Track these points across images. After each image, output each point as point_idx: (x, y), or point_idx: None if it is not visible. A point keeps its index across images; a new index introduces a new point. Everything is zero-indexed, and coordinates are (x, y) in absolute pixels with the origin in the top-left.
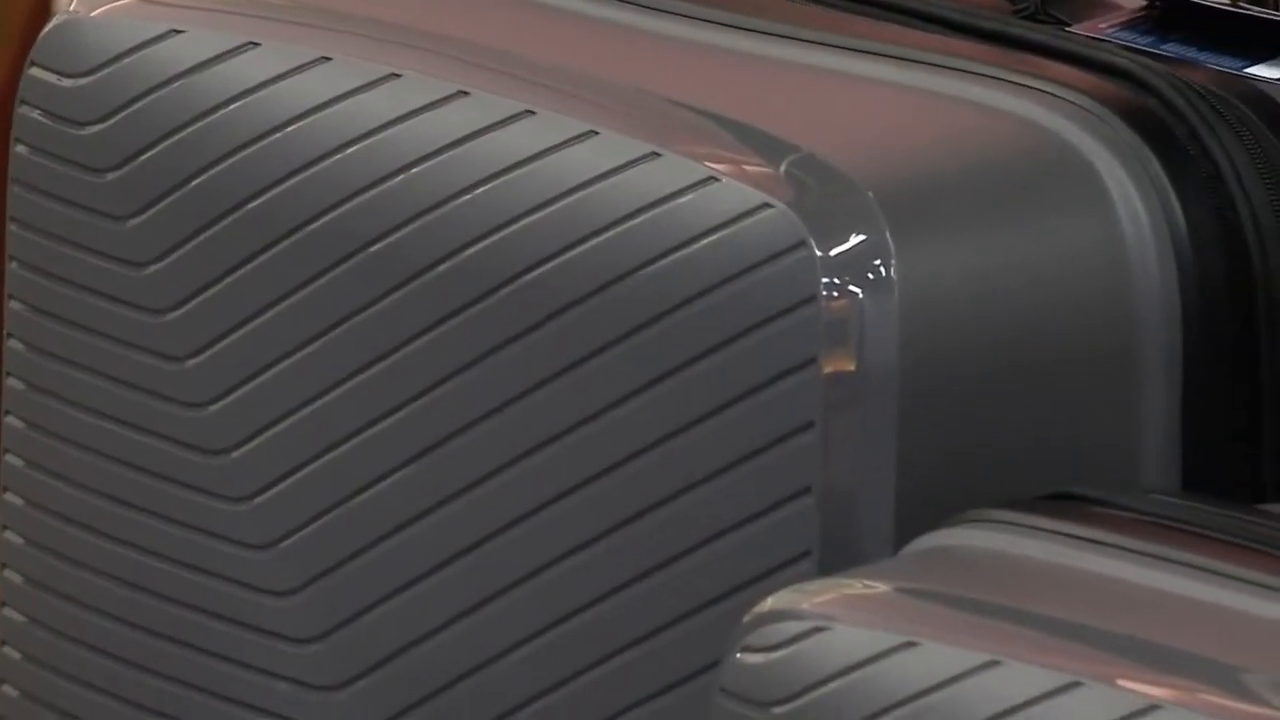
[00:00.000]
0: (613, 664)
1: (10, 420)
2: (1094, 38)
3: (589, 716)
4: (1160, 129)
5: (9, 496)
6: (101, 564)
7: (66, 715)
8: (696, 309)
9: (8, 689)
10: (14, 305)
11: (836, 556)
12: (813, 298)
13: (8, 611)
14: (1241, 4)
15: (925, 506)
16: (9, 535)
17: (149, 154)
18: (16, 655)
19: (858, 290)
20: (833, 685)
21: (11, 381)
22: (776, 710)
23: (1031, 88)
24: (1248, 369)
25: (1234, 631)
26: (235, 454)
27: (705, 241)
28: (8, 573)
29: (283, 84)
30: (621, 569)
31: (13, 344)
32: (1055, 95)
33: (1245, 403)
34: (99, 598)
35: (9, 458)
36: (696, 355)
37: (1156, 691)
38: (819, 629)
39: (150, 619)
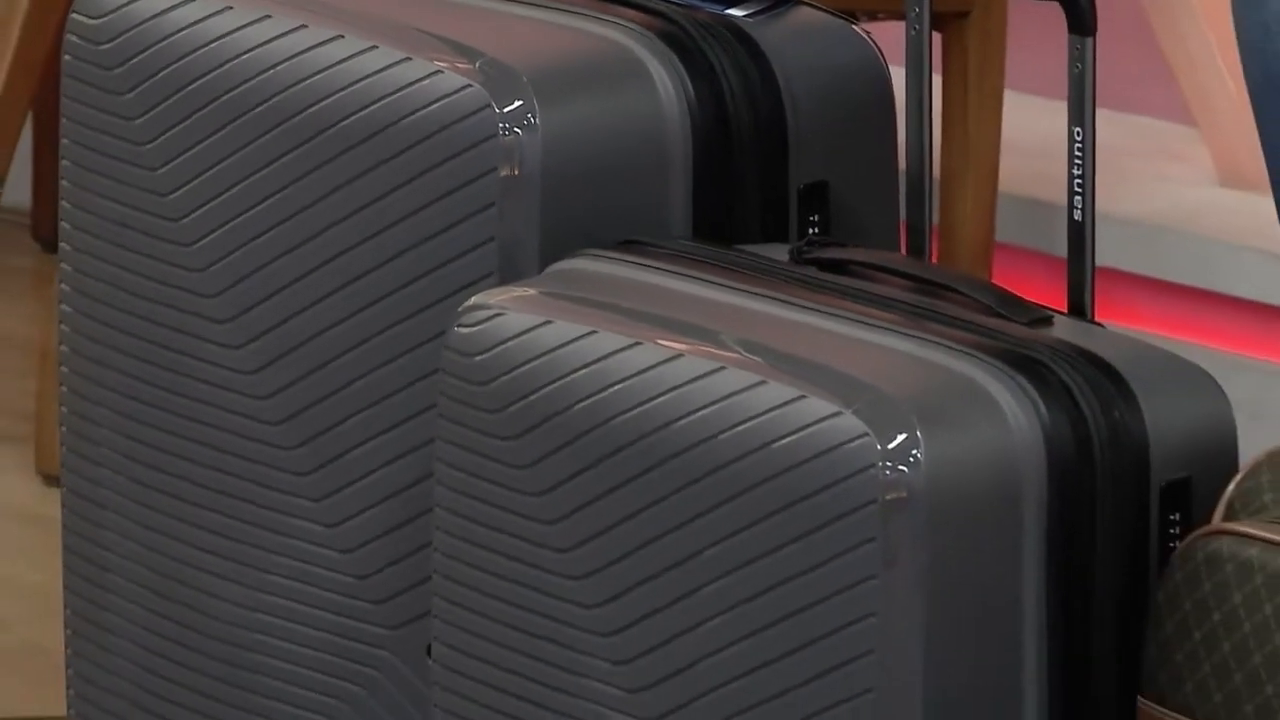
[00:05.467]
0: (382, 337)
1: (63, 245)
2: None
3: (371, 363)
4: (680, 43)
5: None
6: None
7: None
8: (428, 144)
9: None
10: (64, 164)
11: (507, 275)
12: (494, 135)
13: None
14: None
15: (557, 247)
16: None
17: (137, 58)
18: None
19: (519, 131)
20: (508, 344)
21: (62, 225)
22: (478, 358)
23: (610, 20)
24: (726, 169)
25: (712, 308)
26: (197, 245)
27: (434, 106)
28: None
29: (215, 18)
30: (389, 282)
31: (63, 204)
32: (622, 24)
33: (727, 186)
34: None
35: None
36: (426, 169)
37: (680, 347)
38: (500, 314)
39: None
